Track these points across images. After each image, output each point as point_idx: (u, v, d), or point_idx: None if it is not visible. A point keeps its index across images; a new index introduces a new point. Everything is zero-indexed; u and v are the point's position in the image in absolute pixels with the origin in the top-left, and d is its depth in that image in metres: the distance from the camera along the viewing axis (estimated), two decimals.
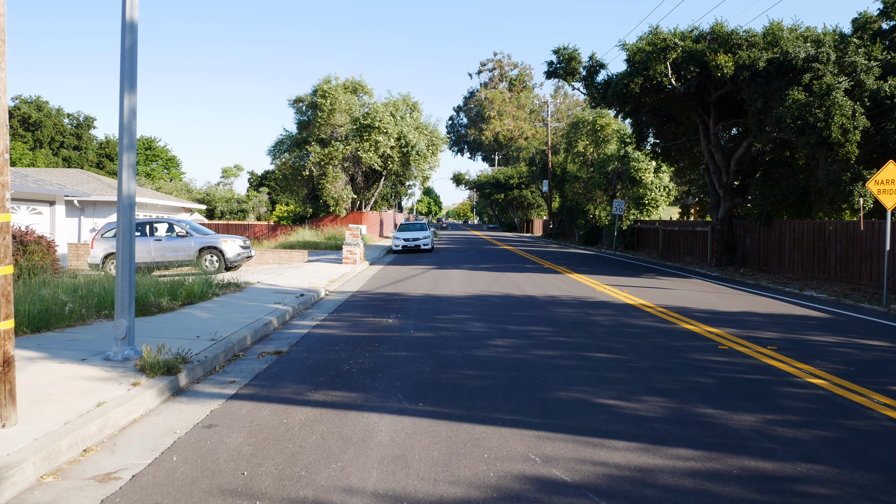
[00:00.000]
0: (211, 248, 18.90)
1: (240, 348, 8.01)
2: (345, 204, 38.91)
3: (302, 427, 4.96)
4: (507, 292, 13.95)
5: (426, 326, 9.60)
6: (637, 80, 19.34)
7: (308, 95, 40.07)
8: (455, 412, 5.29)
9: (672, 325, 9.76)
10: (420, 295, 13.56)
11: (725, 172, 21.50)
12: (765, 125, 17.91)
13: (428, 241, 29.73)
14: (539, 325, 9.62)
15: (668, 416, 5.18)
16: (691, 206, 42.41)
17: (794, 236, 18.66)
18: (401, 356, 7.50)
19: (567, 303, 12.23)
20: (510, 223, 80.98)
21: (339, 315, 10.98)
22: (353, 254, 21.17)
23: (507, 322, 9.97)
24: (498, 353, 7.62)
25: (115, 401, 5.28)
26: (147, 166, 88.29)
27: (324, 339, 8.76)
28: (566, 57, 24.24)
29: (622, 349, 7.86)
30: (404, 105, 40.13)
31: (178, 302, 10.52)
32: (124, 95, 6.64)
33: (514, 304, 11.99)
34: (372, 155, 37.04)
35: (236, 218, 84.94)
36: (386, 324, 9.88)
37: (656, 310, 11.33)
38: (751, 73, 17.44)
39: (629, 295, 13.46)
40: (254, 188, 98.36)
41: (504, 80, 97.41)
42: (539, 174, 56.35)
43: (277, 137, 42.66)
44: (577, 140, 39.10)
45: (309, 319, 10.54)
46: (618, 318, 10.41)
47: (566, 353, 7.66)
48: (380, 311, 11.23)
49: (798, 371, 6.77)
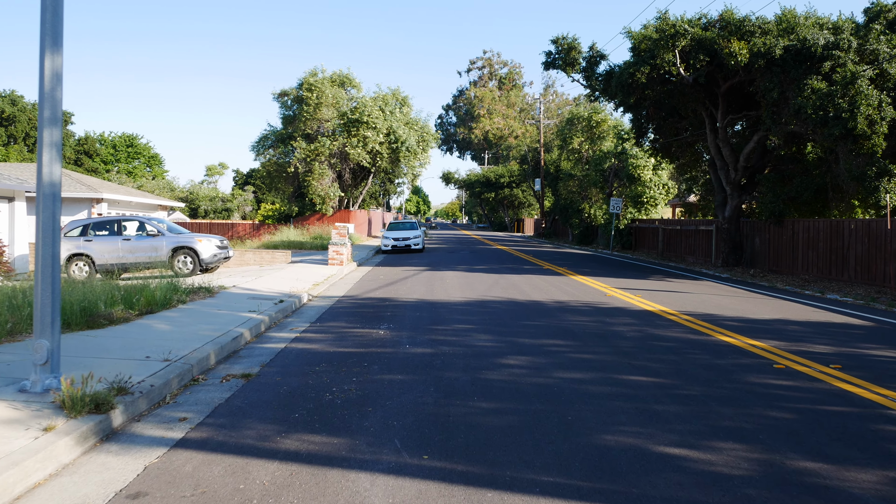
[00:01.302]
0: (184, 249, 17.41)
1: (200, 370, 6.62)
2: (331, 202, 37.41)
3: (264, 498, 3.60)
4: (510, 297, 12.64)
5: (423, 340, 8.25)
6: (644, 69, 18.10)
7: (293, 89, 38.48)
8: (472, 470, 3.96)
9: (706, 336, 8.49)
10: (414, 300, 12.21)
11: (733, 168, 20.34)
12: (780, 117, 16.74)
13: (419, 240, 28.38)
14: (555, 338, 8.30)
15: (759, 474, 3.88)
16: (693, 205, 41.41)
17: (809, 235, 17.53)
18: (395, 381, 6.15)
19: (579, 309, 10.93)
20: (501, 222, 79.77)
21: (322, 325, 9.60)
22: (340, 254, 19.77)
23: (516, 334, 8.65)
24: (514, 377, 6.29)
25: (13, 456, 3.88)
26: (129, 164, 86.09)
27: (303, 356, 7.39)
28: (565, 47, 22.98)
29: (662, 370, 6.57)
30: (394, 99, 38.66)
31: (134, 311, 9.09)
32: (45, 55, 5.22)
33: (521, 312, 10.68)
34: (360, 151, 35.56)
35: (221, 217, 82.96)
36: (376, 336, 8.53)
37: (680, 317, 10.07)
38: (766, 61, 16.26)
39: (643, 300, 12.20)
40: (239, 187, 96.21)
41: (493, 79, 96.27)
42: (531, 172, 55.14)
43: (261, 133, 41.02)
44: (572, 136, 37.89)
45: (287, 330, 9.16)
46: (642, 328, 9.12)
47: (596, 375, 6.35)
48: (369, 321, 9.87)
49: (885, 400, 5.51)
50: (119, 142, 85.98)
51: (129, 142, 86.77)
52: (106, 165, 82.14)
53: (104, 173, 78.57)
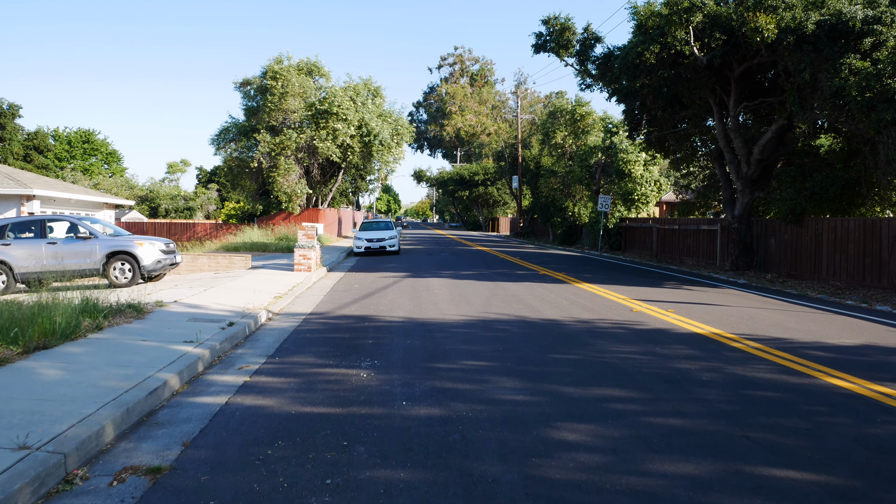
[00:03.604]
0: (121, 254, 14.66)
1: (83, 458, 4.14)
2: (299, 200, 34.64)
3: None
4: (518, 314, 10.32)
5: (425, 389, 5.87)
6: (653, 47, 15.99)
7: (257, 78, 35.55)
8: None
9: (808, 378, 6.29)
10: (400, 320, 9.79)
11: (746, 162, 18.41)
12: (811, 102, 14.81)
13: (394, 241, 25.91)
14: (610, 385, 6.00)
15: None
16: (675, 204, 39.78)
17: (836, 236, 15.65)
18: (396, 485, 3.77)
19: (614, 333, 8.67)
20: (475, 222, 77.61)
21: (282, 361, 7.14)
22: (308, 259, 17.22)
23: (552, 377, 6.32)
24: (586, 472, 3.95)
25: None
26: (85, 161, 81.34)
27: (250, 423, 4.95)
28: (558, 28, 20.82)
29: (803, 450, 4.31)
30: (366, 90, 35.99)
31: (17, 348, 6.50)
32: None
33: (541, 337, 8.36)
34: (329, 144, 32.85)
35: (182, 216, 78.93)
36: (357, 382, 6.11)
37: (746, 345, 7.89)
38: (796, 37, 14.29)
39: (681, 317, 10.02)
40: (203, 185, 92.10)
41: (465, 75, 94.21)
42: (508, 169, 53.00)
43: (222, 125, 37.95)
44: (555, 131, 35.82)
45: (234, 371, 6.68)
46: (713, 364, 6.89)
47: (717, 468, 4.04)
48: (345, 353, 7.43)
49: None
50: (74, 137, 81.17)
51: (85, 137, 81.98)
52: (60, 163, 77.43)
53: (56, 170, 73.98)
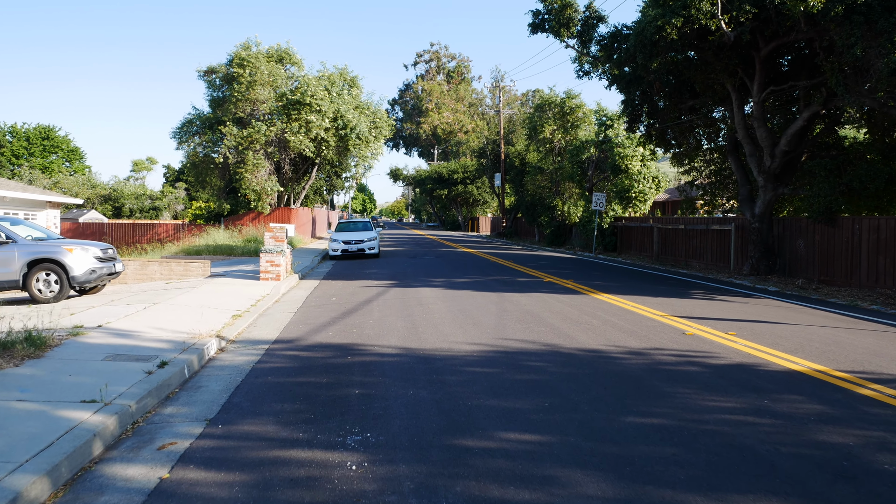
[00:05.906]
0: (47, 262, 12.06)
1: None
2: (269, 198, 31.98)
3: None
4: (546, 341, 8.05)
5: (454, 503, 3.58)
6: (675, 20, 13.92)
7: (223, 66, 32.73)
8: None
9: None
10: (394, 352, 7.46)
11: (769, 154, 16.46)
12: (859, 84, 12.87)
13: (374, 243, 23.53)
14: (755, 490, 3.77)
15: None
16: (665, 202, 38.05)
17: (879, 237, 13.78)
18: None
19: (687, 373, 6.44)
20: (453, 221, 75.37)
21: (227, 433, 4.76)
22: (276, 265, 14.76)
23: (654, 474, 4.06)
24: None
25: None
26: (45, 158, 76.91)
27: None
28: (558, 5, 18.67)
29: None
30: (341, 79, 33.41)
31: None
32: None
33: (597, 384, 6.09)
34: (302, 138, 30.23)
35: (148, 216, 74.98)
36: (341, 484, 3.78)
37: (871, 389, 5.75)
38: (845, 7, 12.33)
39: (750, 342, 7.88)
40: (170, 183, 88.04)
41: (441, 72, 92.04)
42: (490, 167, 50.83)
43: (185, 117, 35.03)
44: (543, 125, 33.73)
45: (147, 457, 4.28)
46: (865, 430, 4.72)
47: None
48: (322, 417, 5.09)
49: None
50: (33, 134, 76.67)
51: (45, 134, 77.49)
52: (18, 160, 73.05)
53: (11, 168, 69.70)
